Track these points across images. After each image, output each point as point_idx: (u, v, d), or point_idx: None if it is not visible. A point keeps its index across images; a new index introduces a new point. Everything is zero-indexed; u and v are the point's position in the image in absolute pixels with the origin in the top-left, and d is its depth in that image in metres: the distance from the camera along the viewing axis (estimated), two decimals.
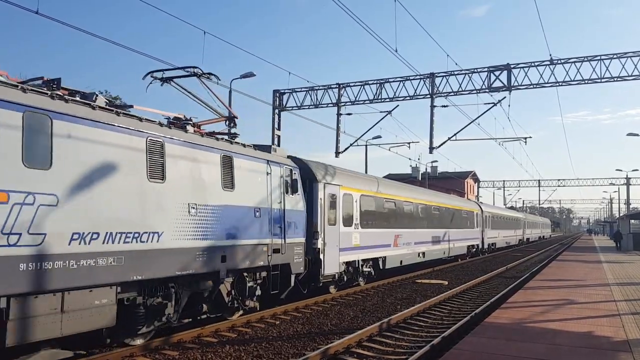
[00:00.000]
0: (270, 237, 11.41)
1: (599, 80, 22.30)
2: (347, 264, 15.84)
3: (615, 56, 22.13)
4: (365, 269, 17.22)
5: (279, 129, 27.62)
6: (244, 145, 11.15)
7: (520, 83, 23.44)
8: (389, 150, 33.53)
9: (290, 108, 27.50)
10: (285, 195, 12.17)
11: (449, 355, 7.23)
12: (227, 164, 10.27)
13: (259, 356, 8.62)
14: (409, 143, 33.30)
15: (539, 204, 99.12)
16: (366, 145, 36.58)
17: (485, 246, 35.66)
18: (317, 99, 27.00)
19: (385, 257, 18.58)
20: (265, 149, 12.03)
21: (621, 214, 65.14)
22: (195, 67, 10.74)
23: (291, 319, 11.72)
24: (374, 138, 33.57)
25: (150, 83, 10.43)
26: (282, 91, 27.65)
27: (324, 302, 14.15)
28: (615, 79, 22.19)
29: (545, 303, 11.95)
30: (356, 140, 28.48)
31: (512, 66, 23.56)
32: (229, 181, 10.23)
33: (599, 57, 22.30)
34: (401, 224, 20.36)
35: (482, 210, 35.24)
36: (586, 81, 22.51)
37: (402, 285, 18.24)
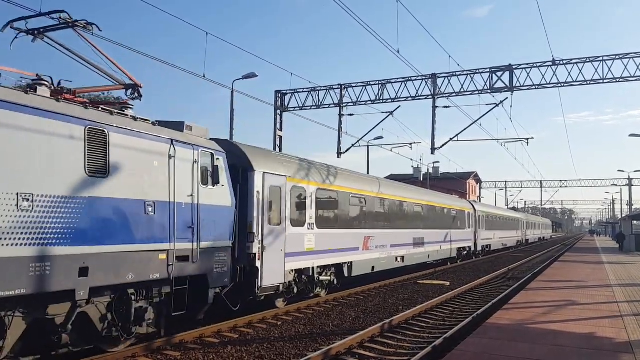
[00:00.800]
0: (172, 240, 8.79)
1: (601, 81, 22.31)
2: (298, 272, 13.26)
3: (617, 57, 22.13)
4: (324, 278, 14.61)
5: (280, 129, 27.67)
6: (135, 119, 8.61)
7: (522, 84, 23.46)
8: (391, 151, 33.55)
9: (292, 109, 27.55)
10: (202, 186, 9.64)
11: (451, 356, 7.23)
12: (98, 140, 7.69)
13: (260, 357, 8.63)
14: (410, 144, 33.32)
15: (541, 205, 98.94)
16: (368, 146, 36.62)
17: (479, 248, 33.17)
18: (319, 99, 27.05)
19: (351, 263, 15.99)
20: (175, 126, 9.59)
21: (623, 215, 65.04)
22: (62, 12, 8.32)
23: (293, 320, 11.73)
24: (375, 139, 33.61)
25: (16, 37, 8.17)
26: (284, 92, 27.70)
27: (325, 302, 14.15)
28: (618, 80, 22.18)
29: (547, 304, 11.94)
30: (358, 141, 28.53)
31: (514, 67, 23.57)
32: (99, 164, 7.67)
33: (601, 58, 22.30)
34: (373, 224, 17.68)
35: (475, 210, 32.81)
36: (588, 82, 22.51)
37: (403, 286, 18.24)
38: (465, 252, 30.32)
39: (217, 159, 10.15)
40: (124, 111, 8.66)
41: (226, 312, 11.02)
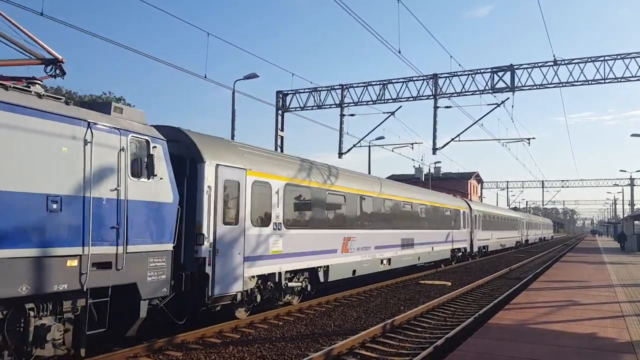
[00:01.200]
0: (85, 243, 7.29)
1: (603, 81, 22.29)
2: (262, 278, 11.80)
3: (619, 57, 22.12)
4: (293, 284, 13.05)
5: (282, 129, 27.69)
6: (40, 96, 7.18)
7: (523, 84, 23.45)
8: (392, 151, 33.56)
9: (294, 109, 27.57)
10: (131, 178, 8.14)
11: (453, 356, 7.23)
12: None
13: (262, 357, 8.64)
14: (412, 144, 33.34)
15: (543, 205, 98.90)
16: (369, 146, 36.65)
17: (475, 249, 31.47)
18: (320, 100, 27.07)
19: (327, 267, 14.47)
20: (99, 107, 8.23)
21: (625, 215, 64.97)
22: None
23: (294, 320, 11.73)
24: (377, 139, 33.61)
25: None
26: (285, 92, 27.72)
27: (326, 302, 14.16)
28: (619, 80, 22.17)
29: (548, 304, 11.93)
30: (359, 141, 28.55)
31: (515, 67, 23.57)
32: None
33: (602, 58, 22.29)
34: (354, 223, 16.21)
35: (470, 209, 31.19)
36: (590, 82, 22.50)
37: (405, 286, 18.24)
38: (460, 253, 28.85)
39: (154, 147, 8.60)
40: (29, 87, 7.28)
41: (170, 327, 9.88)
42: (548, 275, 19.22)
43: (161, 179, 8.70)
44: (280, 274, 12.36)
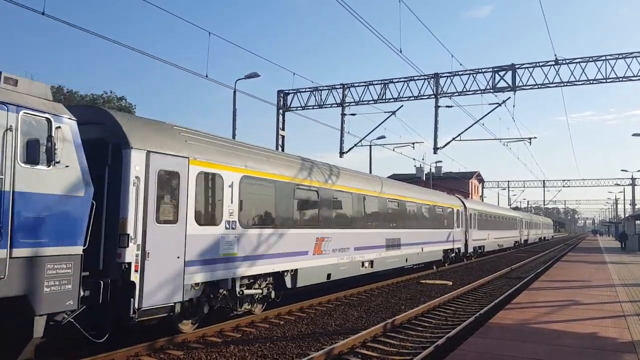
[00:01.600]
0: None
1: (604, 81, 22.29)
2: (211, 284, 10.06)
3: (620, 56, 22.12)
4: (251, 291, 11.36)
5: (283, 129, 27.70)
6: None
7: (525, 83, 23.46)
8: (393, 150, 33.59)
9: (295, 108, 27.59)
10: (23, 165, 6.56)
11: (454, 356, 7.23)
12: None
13: (263, 356, 8.64)
14: (413, 143, 33.36)
15: (544, 205, 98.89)
16: (370, 146, 36.62)
17: (470, 250, 29.91)
18: (321, 99, 27.10)
19: (296, 271, 12.82)
20: None
21: (626, 215, 64.95)
22: None
23: (295, 319, 11.74)
24: (378, 138, 33.62)
25: None
26: (287, 92, 27.74)
27: (327, 302, 14.17)
28: (621, 79, 22.17)
29: (550, 304, 11.93)
30: (360, 141, 28.59)
31: (516, 66, 23.58)
32: None
33: (604, 57, 22.28)
34: (329, 222, 14.38)
35: (465, 207, 29.60)
36: (591, 81, 22.50)
37: (406, 286, 18.25)
38: (454, 254, 27.15)
39: (57, 127, 7.01)
40: None
41: (87, 345, 8.27)
42: (549, 275, 19.21)
43: (67, 166, 7.10)
44: (234, 280, 10.68)
